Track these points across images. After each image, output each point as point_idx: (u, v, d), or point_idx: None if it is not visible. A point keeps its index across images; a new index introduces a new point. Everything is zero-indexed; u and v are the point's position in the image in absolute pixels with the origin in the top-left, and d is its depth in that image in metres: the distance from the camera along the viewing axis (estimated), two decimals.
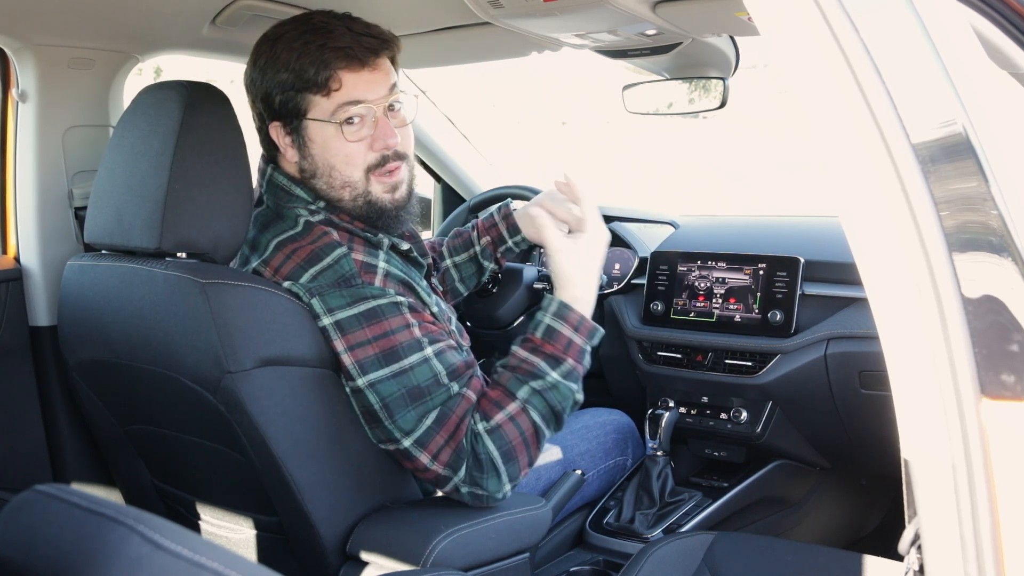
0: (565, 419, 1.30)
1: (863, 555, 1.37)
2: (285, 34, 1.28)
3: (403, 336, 1.23)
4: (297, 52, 1.25)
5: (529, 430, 1.26)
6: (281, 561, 1.31)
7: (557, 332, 1.30)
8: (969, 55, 0.86)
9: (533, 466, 1.30)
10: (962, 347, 0.69)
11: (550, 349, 1.30)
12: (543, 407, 1.27)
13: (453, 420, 1.23)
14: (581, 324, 1.32)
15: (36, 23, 1.52)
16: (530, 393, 1.27)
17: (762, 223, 2.25)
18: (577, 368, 1.31)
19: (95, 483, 1.63)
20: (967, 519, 0.69)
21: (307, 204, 1.32)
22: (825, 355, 1.79)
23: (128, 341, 1.27)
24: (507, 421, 1.25)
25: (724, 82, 1.84)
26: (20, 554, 0.52)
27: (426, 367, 1.23)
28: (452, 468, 1.24)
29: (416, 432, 1.22)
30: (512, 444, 1.25)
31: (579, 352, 1.31)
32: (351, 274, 1.24)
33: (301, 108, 1.28)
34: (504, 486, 1.26)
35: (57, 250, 1.61)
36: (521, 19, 1.51)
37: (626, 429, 1.94)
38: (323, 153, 1.29)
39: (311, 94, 1.27)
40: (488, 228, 1.70)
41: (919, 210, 0.70)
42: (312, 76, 1.25)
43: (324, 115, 1.28)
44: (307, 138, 1.30)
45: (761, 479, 1.96)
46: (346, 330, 1.22)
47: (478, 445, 1.24)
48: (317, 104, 1.27)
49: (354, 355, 1.22)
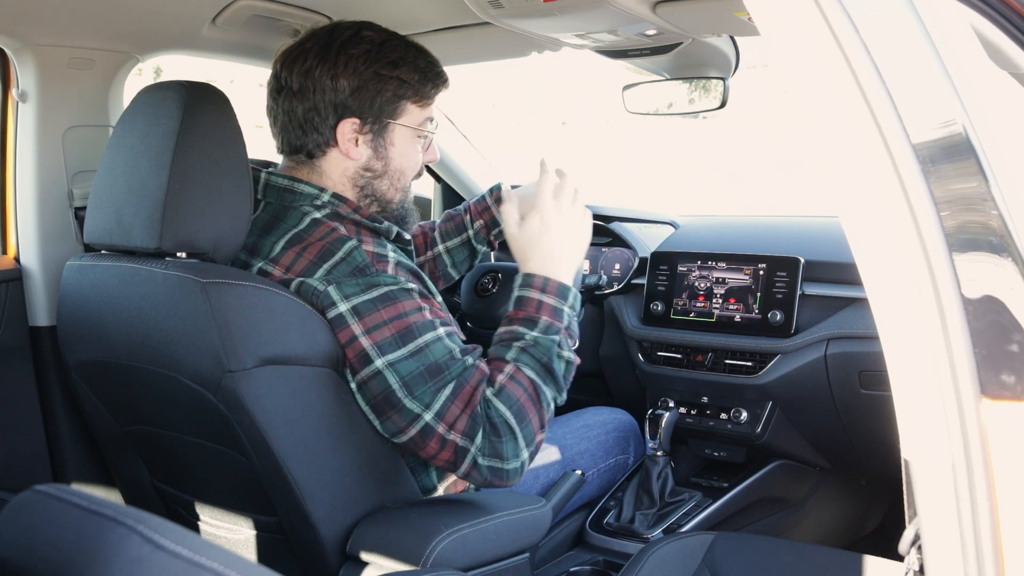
0: (559, 375, 1.32)
1: (863, 555, 1.37)
2: (389, 40, 1.35)
3: (417, 317, 1.25)
4: (409, 64, 1.34)
5: (529, 386, 1.29)
6: (281, 561, 1.31)
7: (525, 298, 1.35)
8: (969, 55, 0.86)
9: (545, 430, 1.32)
10: (962, 347, 0.69)
11: (523, 314, 1.34)
12: (532, 362, 1.30)
13: (467, 390, 1.25)
14: (546, 285, 1.36)
15: (36, 23, 1.52)
16: (517, 352, 1.31)
17: (762, 223, 2.25)
18: (554, 322, 1.34)
19: (95, 483, 1.63)
20: (967, 519, 0.69)
21: (312, 199, 1.32)
22: (825, 355, 1.79)
23: (128, 341, 1.27)
24: (508, 380, 1.28)
25: (724, 82, 1.84)
26: (20, 554, 0.52)
27: (440, 345, 1.26)
28: (469, 437, 1.25)
29: (435, 405, 1.24)
30: (520, 401, 1.27)
31: (552, 310, 1.34)
32: (364, 264, 1.26)
33: (396, 112, 1.35)
34: (521, 452, 1.27)
35: (57, 250, 1.61)
36: (521, 19, 1.51)
37: (628, 427, 1.94)
38: (400, 158, 1.38)
39: (411, 102, 1.36)
40: (481, 212, 1.72)
41: (919, 210, 0.70)
42: (421, 88, 1.36)
43: (414, 123, 1.37)
44: (388, 140, 1.37)
45: (761, 479, 1.96)
46: (363, 313, 1.23)
47: (490, 410, 1.26)
48: (411, 112, 1.37)
49: (372, 337, 1.23)
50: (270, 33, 1.70)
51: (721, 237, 2.08)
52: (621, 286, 2.12)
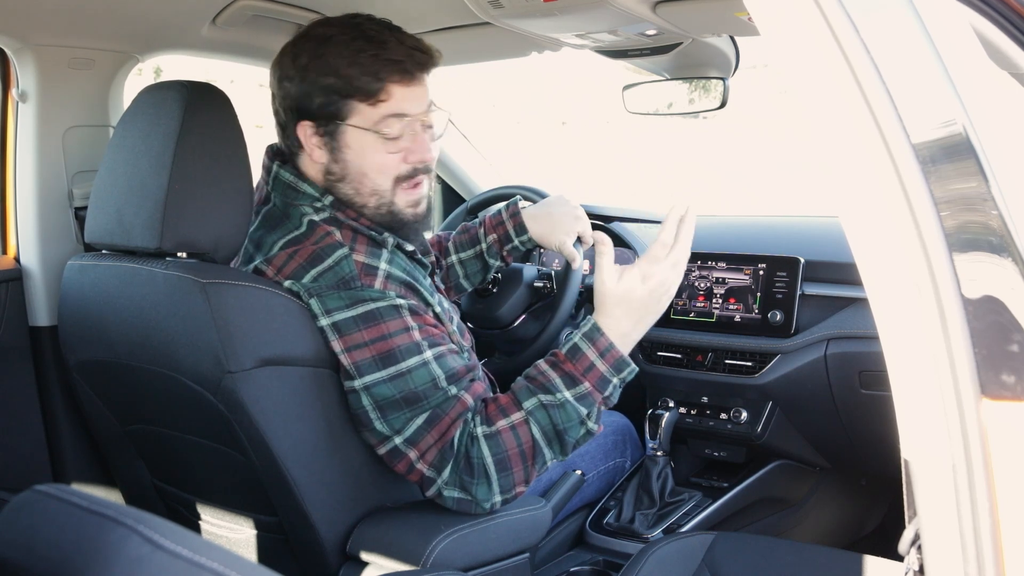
0: (570, 443, 1.26)
1: (863, 555, 1.37)
2: (334, 37, 1.27)
3: (401, 339, 1.22)
4: (347, 59, 1.25)
5: (528, 444, 1.24)
6: (281, 561, 1.31)
7: (581, 352, 1.26)
8: (969, 55, 0.86)
9: (529, 484, 1.26)
10: (962, 347, 0.69)
11: (569, 368, 1.26)
12: (546, 423, 1.24)
13: (445, 422, 1.22)
14: (608, 351, 1.26)
15: (36, 23, 1.52)
16: (536, 406, 1.25)
17: (762, 223, 2.25)
18: (593, 394, 1.25)
19: (95, 483, 1.63)
20: (967, 519, 0.69)
21: (312, 201, 1.31)
22: (825, 355, 1.79)
23: (128, 341, 1.27)
24: (507, 429, 1.23)
25: (724, 82, 1.84)
26: (20, 554, 0.52)
27: (424, 371, 1.22)
28: (436, 469, 1.23)
29: (406, 431, 1.22)
30: (508, 454, 1.22)
31: (599, 379, 1.26)
32: (351, 276, 1.23)
33: (343, 113, 1.28)
34: (494, 496, 1.23)
35: (57, 250, 1.61)
36: (521, 19, 1.51)
37: (624, 431, 1.94)
38: (357, 160, 1.30)
39: (357, 101, 1.27)
40: (495, 226, 1.69)
41: (919, 210, 0.70)
42: (363, 85, 1.26)
43: (366, 123, 1.28)
44: (342, 143, 1.30)
45: (761, 479, 1.96)
46: (343, 332, 1.21)
47: (473, 449, 1.22)
48: (360, 112, 1.28)
49: (351, 357, 1.21)
50: (270, 33, 1.70)
51: (721, 237, 2.08)
52: None
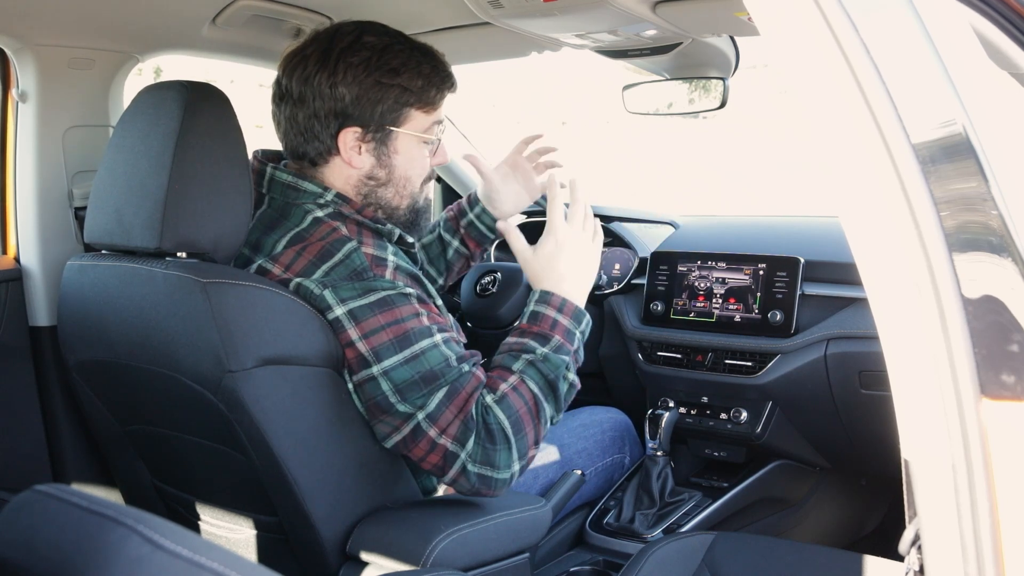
0: (561, 395, 1.31)
1: (863, 555, 1.37)
2: (391, 45, 1.31)
3: (414, 323, 1.25)
4: (413, 69, 1.31)
5: (531, 400, 1.28)
6: (281, 561, 1.31)
7: (541, 314, 1.34)
8: (969, 55, 0.86)
9: (539, 446, 1.31)
10: (962, 347, 0.69)
11: (536, 329, 1.33)
12: (537, 377, 1.30)
13: (463, 395, 1.25)
14: (564, 305, 1.35)
15: (36, 23, 1.52)
16: (524, 364, 1.30)
17: (762, 223, 2.25)
18: (565, 344, 1.33)
19: (95, 483, 1.63)
20: (967, 519, 0.69)
21: (316, 198, 1.32)
22: (825, 355, 1.79)
23: (128, 341, 1.27)
24: (511, 390, 1.28)
25: (724, 82, 1.84)
26: (20, 554, 0.52)
27: (437, 352, 1.25)
28: (460, 442, 1.24)
29: (428, 407, 1.23)
30: (519, 413, 1.27)
31: (565, 331, 1.33)
32: (363, 267, 1.25)
33: (400, 119, 1.32)
34: (513, 463, 1.26)
35: (57, 250, 1.61)
36: (521, 19, 1.51)
37: (623, 427, 1.94)
38: (405, 165, 1.35)
39: (416, 109, 1.33)
40: (454, 206, 1.74)
41: (919, 210, 0.70)
42: (427, 95, 1.32)
43: (419, 130, 1.34)
44: (392, 148, 1.34)
45: (761, 479, 1.96)
46: (359, 318, 1.23)
47: (488, 416, 1.25)
48: (416, 119, 1.33)
49: (369, 342, 1.22)
50: (270, 33, 1.70)
51: (721, 237, 2.08)
52: (621, 286, 2.12)
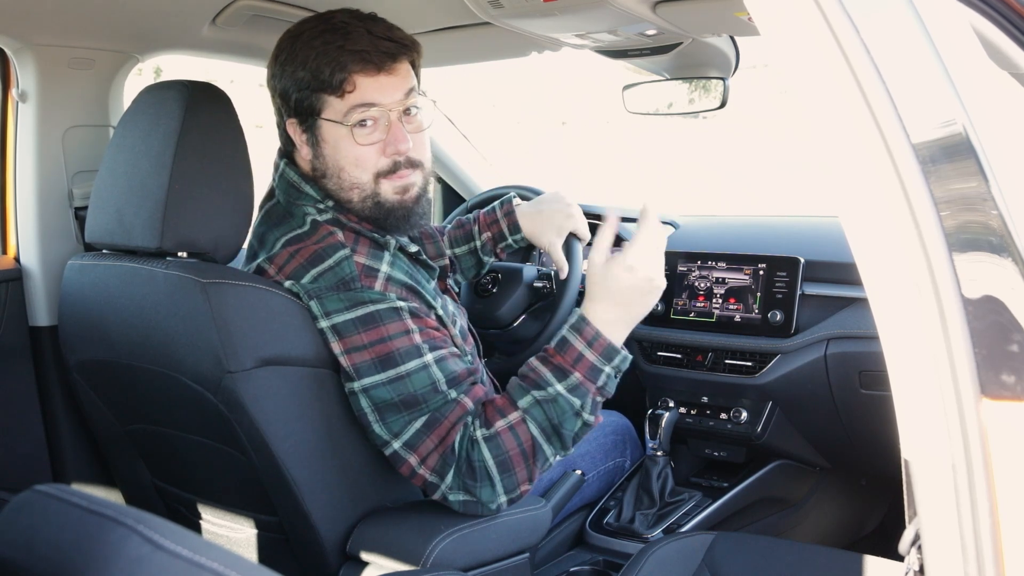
0: (568, 437, 1.24)
1: (863, 555, 1.37)
2: (305, 32, 1.28)
3: (401, 342, 1.21)
4: (315, 51, 1.25)
5: (527, 442, 1.23)
6: (281, 561, 1.31)
7: (569, 344, 1.25)
8: (969, 55, 0.86)
9: (534, 482, 1.26)
10: (962, 347, 0.69)
11: (559, 360, 1.25)
12: (542, 419, 1.23)
13: (444, 425, 1.21)
14: (596, 339, 1.25)
15: (36, 23, 1.52)
16: (531, 403, 1.24)
17: (762, 223, 2.25)
18: (585, 384, 1.24)
19: (95, 483, 1.63)
20: (967, 519, 0.69)
21: (316, 203, 1.31)
22: (825, 355, 1.79)
23: (128, 341, 1.27)
24: (506, 430, 1.22)
25: (724, 82, 1.84)
26: (20, 554, 0.52)
27: (424, 374, 1.21)
28: (439, 474, 1.22)
29: (404, 435, 1.22)
30: (509, 455, 1.22)
31: (590, 368, 1.24)
32: (351, 277, 1.23)
33: (316, 107, 1.28)
34: (499, 497, 1.23)
35: (57, 250, 1.61)
36: (521, 19, 1.51)
37: (624, 430, 1.93)
38: (334, 154, 1.29)
39: (326, 94, 1.27)
40: (489, 224, 1.70)
41: (919, 210, 0.70)
42: (327, 77, 1.25)
43: (337, 116, 1.27)
44: (320, 137, 1.29)
45: (761, 479, 1.96)
46: (343, 334, 1.21)
47: (473, 452, 1.21)
48: (331, 105, 1.27)
49: (350, 359, 1.21)
50: (270, 33, 1.69)
51: (721, 237, 2.08)
52: None
